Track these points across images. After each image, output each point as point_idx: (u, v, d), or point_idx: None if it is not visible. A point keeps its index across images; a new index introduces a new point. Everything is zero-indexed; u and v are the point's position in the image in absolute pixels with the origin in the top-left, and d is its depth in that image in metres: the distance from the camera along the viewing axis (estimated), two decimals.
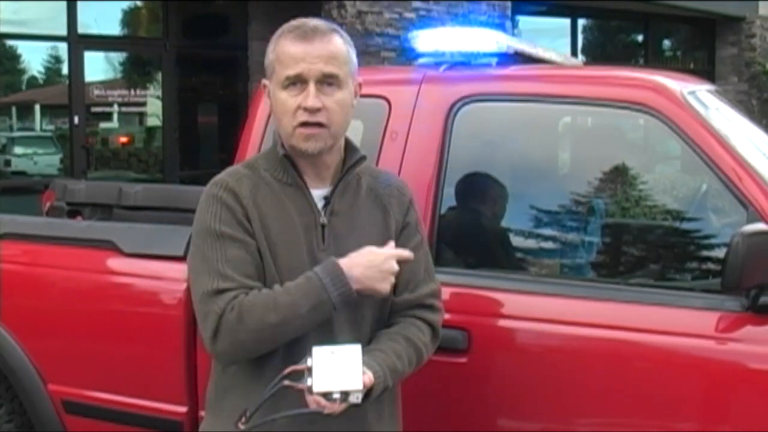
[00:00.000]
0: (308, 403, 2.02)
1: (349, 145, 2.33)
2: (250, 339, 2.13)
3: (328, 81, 2.20)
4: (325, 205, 2.27)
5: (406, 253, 2.25)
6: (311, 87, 2.18)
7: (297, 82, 2.20)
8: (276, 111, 2.25)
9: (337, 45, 2.23)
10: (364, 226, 2.29)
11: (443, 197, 2.98)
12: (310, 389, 1.99)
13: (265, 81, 2.31)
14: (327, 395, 1.99)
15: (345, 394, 1.99)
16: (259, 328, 2.12)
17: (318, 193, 2.27)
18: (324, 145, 2.22)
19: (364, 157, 2.33)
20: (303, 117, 2.19)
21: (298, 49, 2.19)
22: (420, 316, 2.32)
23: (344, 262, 2.16)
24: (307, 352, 2.02)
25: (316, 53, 2.19)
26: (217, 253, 2.18)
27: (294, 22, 2.25)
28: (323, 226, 2.25)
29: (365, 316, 2.26)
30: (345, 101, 2.24)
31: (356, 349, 2.03)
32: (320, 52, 2.19)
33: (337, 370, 1.99)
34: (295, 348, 2.16)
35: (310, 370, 2.00)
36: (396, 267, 2.21)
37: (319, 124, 2.19)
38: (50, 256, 3.53)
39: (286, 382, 2.03)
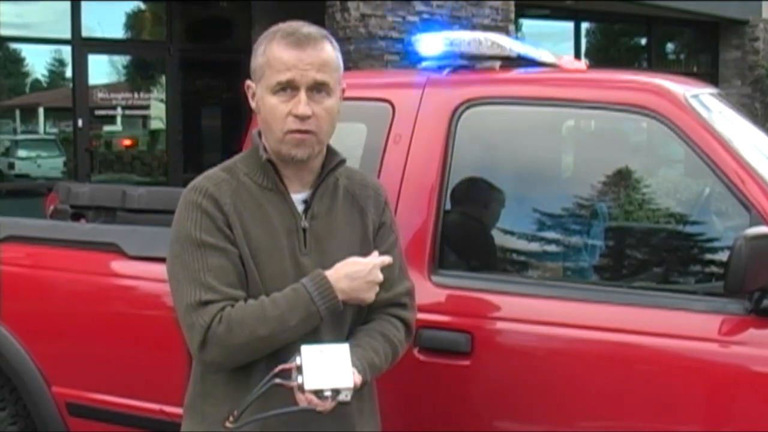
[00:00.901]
0: (298, 401, 2.03)
1: (329, 148, 2.33)
2: (240, 351, 2.15)
3: (318, 88, 2.20)
4: (306, 209, 2.27)
5: (388, 260, 2.27)
6: (302, 94, 2.18)
7: (287, 88, 2.19)
8: (264, 116, 2.24)
9: (329, 52, 2.23)
10: (343, 228, 2.31)
11: (446, 200, 2.99)
12: (301, 387, 2.00)
13: (249, 82, 2.29)
14: (318, 393, 2.00)
15: (336, 392, 2.01)
16: (249, 341, 2.14)
17: (297, 197, 2.28)
18: (312, 152, 2.22)
19: (343, 161, 2.33)
20: (294, 125, 2.19)
21: (290, 55, 2.18)
22: (395, 314, 2.35)
23: (331, 274, 2.18)
24: (296, 351, 2.04)
25: (308, 60, 2.18)
26: (198, 263, 2.17)
27: (286, 27, 2.24)
28: (304, 229, 2.25)
29: (346, 316, 2.29)
30: (333, 108, 2.24)
31: (344, 347, 2.06)
32: (313, 59, 2.19)
33: (327, 368, 2.01)
34: (279, 349, 2.17)
35: (299, 368, 2.01)
36: (380, 276, 2.24)
37: (309, 131, 2.19)
38: (54, 258, 3.53)
39: (277, 380, 2.04)
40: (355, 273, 2.20)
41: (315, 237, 2.26)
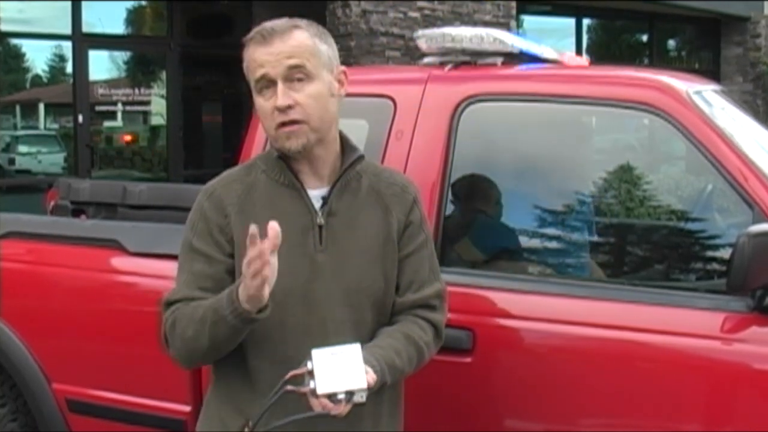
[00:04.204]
0: (312, 406, 1.99)
1: (347, 144, 2.30)
2: (184, 348, 2.19)
3: (297, 77, 2.17)
4: (323, 206, 2.24)
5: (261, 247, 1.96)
6: (279, 86, 2.16)
7: (268, 85, 2.18)
8: (258, 117, 2.25)
9: (299, 39, 2.19)
10: (363, 226, 2.26)
11: (448, 196, 2.98)
12: (314, 392, 1.96)
13: None
14: (332, 396, 1.96)
15: (350, 394, 1.97)
16: (184, 339, 2.16)
17: (316, 194, 2.25)
18: (306, 141, 2.18)
19: (362, 157, 2.29)
20: (279, 118, 2.17)
21: (259, 52, 2.18)
22: (422, 315, 2.29)
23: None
24: (306, 356, 1.99)
25: (276, 52, 2.17)
26: (186, 264, 2.26)
27: (256, 28, 2.23)
28: (320, 226, 2.22)
29: (365, 317, 2.24)
30: (319, 93, 2.19)
31: (356, 348, 2.01)
32: (281, 49, 2.17)
33: (339, 370, 1.97)
34: (285, 350, 2.16)
35: (311, 373, 1.97)
36: (263, 259, 1.95)
37: (295, 121, 2.17)
38: (54, 254, 3.53)
39: (289, 387, 2.01)
40: (244, 275, 2.02)
41: (332, 234, 2.22)
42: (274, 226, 1.99)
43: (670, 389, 2.60)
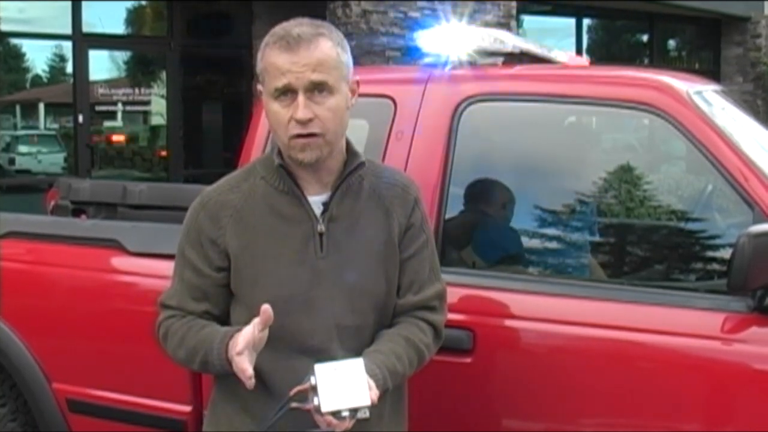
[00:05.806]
0: (317, 423, 1.97)
1: (350, 148, 2.28)
2: (175, 359, 2.29)
3: (318, 89, 2.14)
4: (324, 212, 2.22)
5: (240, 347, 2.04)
6: (300, 98, 2.12)
7: (287, 92, 2.14)
8: (270, 121, 2.21)
9: (324, 50, 2.15)
10: (364, 230, 2.24)
11: (449, 197, 2.97)
12: (318, 409, 1.94)
13: (259, 86, 2.25)
14: (336, 414, 1.93)
15: (354, 411, 1.94)
16: (176, 358, 2.27)
17: (317, 200, 2.23)
18: (320, 154, 2.16)
19: (363, 164, 2.26)
20: (296, 129, 2.13)
21: (283, 59, 2.13)
22: (422, 317, 2.29)
23: (237, 334, 2.10)
24: (309, 370, 1.97)
25: (302, 62, 2.11)
26: (178, 268, 2.31)
27: (279, 30, 2.18)
28: (321, 234, 2.20)
29: (368, 321, 2.24)
30: (338, 106, 2.17)
31: (359, 363, 1.99)
32: (307, 60, 2.12)
33: (343, 386, 1.94)
34: (282, 355, 2.16)
35: (314, 389, 1.94)
36: (237, 349, 2.05)
37: (313, 134, 2.14)
38: (55, 254, 3.53)
39: (293, 404, 1.99)
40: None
41: (333, 240, 2.20)
42: (266, 310, 2.02)
43: (671, 389, 2.60)
